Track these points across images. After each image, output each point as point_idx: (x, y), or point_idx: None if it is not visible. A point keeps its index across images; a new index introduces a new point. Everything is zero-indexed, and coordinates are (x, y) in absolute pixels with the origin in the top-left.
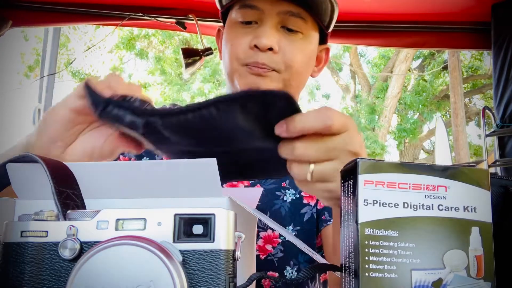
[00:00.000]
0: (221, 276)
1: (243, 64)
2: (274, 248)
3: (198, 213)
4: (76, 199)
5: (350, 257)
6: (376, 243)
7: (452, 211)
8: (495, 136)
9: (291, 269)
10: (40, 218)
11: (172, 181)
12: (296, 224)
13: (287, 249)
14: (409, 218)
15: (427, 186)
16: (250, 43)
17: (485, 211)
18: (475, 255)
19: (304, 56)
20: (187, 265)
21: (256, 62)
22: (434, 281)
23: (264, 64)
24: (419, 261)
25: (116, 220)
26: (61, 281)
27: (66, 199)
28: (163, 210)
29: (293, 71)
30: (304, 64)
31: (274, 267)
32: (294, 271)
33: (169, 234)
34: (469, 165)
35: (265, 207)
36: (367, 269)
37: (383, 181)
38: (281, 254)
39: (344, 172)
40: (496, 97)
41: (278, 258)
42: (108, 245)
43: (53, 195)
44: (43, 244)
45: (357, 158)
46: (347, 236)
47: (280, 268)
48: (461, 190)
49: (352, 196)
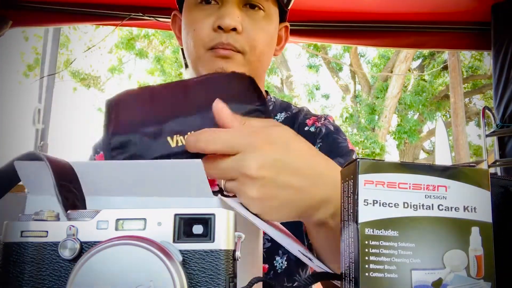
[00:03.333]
0: (221, 276)
1: (208, 48)
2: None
3: (198, 213)
4: (76, 193)
5: (350, 257)
6: (376, 243)
7: (452, 211)
8: (495, 136)
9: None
10: (40, 218)
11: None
12: None
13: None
14: (409, 218)
15: (427, 186)
16: (213, 24)
17: (485, 211)
18: (475, 255)
19: (267, 36)
20: (187, 265)
21: (221, 43)
22: (434, 281)
23: (229, 44)
24: (419, 261)
25: (116, 220)
26: (61, 281)
27: (67, 192)
28: (163, 210)
29: (257, 52)
30: (267, 44)
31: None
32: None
33: (169, 234)
34: (469, 165)
35: None
36: (367, 269)
37: (383, 181)
38: (269, 244)
39: (344, 172)
40: (496, 97)
41: (267, 248)
42: (108, 245)
43: (54, 188)
44: (43, 244)
45: (357, 158)
46: (347, 236)
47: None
48: (461, 190)
49: (352, 196)
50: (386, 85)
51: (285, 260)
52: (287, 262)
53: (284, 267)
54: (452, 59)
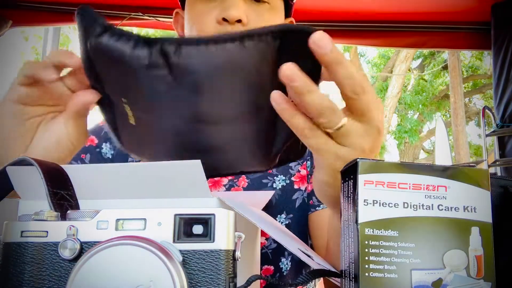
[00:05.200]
0: (221, 276)
1: None
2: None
3: (198, 213)
4: (70, 199)
5: (350, 257)
6: (376, 243)
7: (452, 211)
8: (495, 136)
9: (286, 260)
10: (40, 218)
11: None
12: (288, 212)
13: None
14: (409, 218)
15: (427, 186)
16: (217, 17)
17: (485, 211)
18: (475, 255)
19: None
20: (187, 265)
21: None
22: (434, 281)
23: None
24: (419, 261)
25: (116, 220)
26: (61, 281)
27: (60, 200)
28: (163, 210)
29: None
30: None
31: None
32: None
33: (169, 234)
34: (469, 165)
35: None
36: (367, 269)
37: (383, 181)
38: (275, 245)
39: (344, 172)
40: (496, 97)
41: (272, 249)
42: (108, 245)
43: (47, 197)
44: (43, 244)
45: (357, 158)
46: (347, 236)
47: (275, 261)
48: (461, 190)
49: (352, 196)
50: (386, 85)
51: (290, 261)
52: (291, 263)
53: (289, 268)
54: (452, 58)
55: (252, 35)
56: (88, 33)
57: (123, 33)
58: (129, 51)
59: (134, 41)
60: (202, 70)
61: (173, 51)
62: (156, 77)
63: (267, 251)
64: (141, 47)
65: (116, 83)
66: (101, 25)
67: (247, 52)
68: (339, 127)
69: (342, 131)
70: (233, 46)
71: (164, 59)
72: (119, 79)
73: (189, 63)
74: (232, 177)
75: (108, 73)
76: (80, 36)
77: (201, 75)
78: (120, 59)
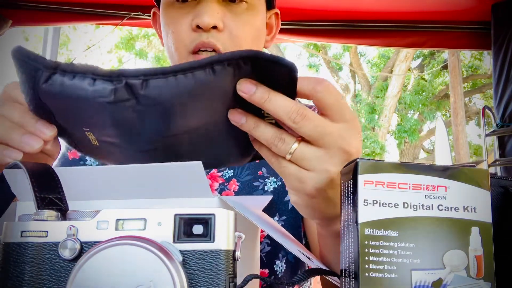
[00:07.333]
0: (221, 276)
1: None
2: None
3: (198, 213)
4: (59, 203)
5: (350, 257)
6: (376, 243)
7: (452, 211)
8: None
9: (280, 263)
10: (40, 218)
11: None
12: (281, 213)
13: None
14: (409, 218)
15: (427, 186)
16: (191, 23)
17: (485, 211)
18: (475, 255)
19: (252, 30)
20: (187, 265)
21: (201, 42)
22: (434, 281)
23: (211, 44)
24: (419, 261)
25: (116, 220)
26: (61, 281)
27: (48, 205)
28: (163, 210)
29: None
30: (253, 38)
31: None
32: (283, 264)
33: (169, 234)
34: (469, 165)
35: None
36: (367, 269)
37: (383, 181)
38: (269, 248)
39: (344, 172)
40: (496, 97)
41: (266, 252)
42: (108, 245)
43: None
44: (43, 244)
45: (357, 158)
46: (347, 236)
47: (270, 264)
48: (461, 190)
49: (352, 196)
50: (386, 85)
51: (284, 264)
52: (286, 266)
53: (283, 270)
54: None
55: (222, 61)
56: (34, 78)
57: (75, 70)
58: (88, 88)
59: (91, 78)
60: (172, 98)
61: (139, 85)
62: (123, 107)
63: (261, 255)
64: (101, 83)
65: (76, 116)
66: (48, 67)
67: (217, 76)
68: (291, 152)
69: (297, 156)
70: (203, 72)
71: (131, 92)
72: (79, 113)
73: (158, 93)
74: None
75: (65, 110)
76: (23, 80)
77: (172, 102)
78: (78, 97)
